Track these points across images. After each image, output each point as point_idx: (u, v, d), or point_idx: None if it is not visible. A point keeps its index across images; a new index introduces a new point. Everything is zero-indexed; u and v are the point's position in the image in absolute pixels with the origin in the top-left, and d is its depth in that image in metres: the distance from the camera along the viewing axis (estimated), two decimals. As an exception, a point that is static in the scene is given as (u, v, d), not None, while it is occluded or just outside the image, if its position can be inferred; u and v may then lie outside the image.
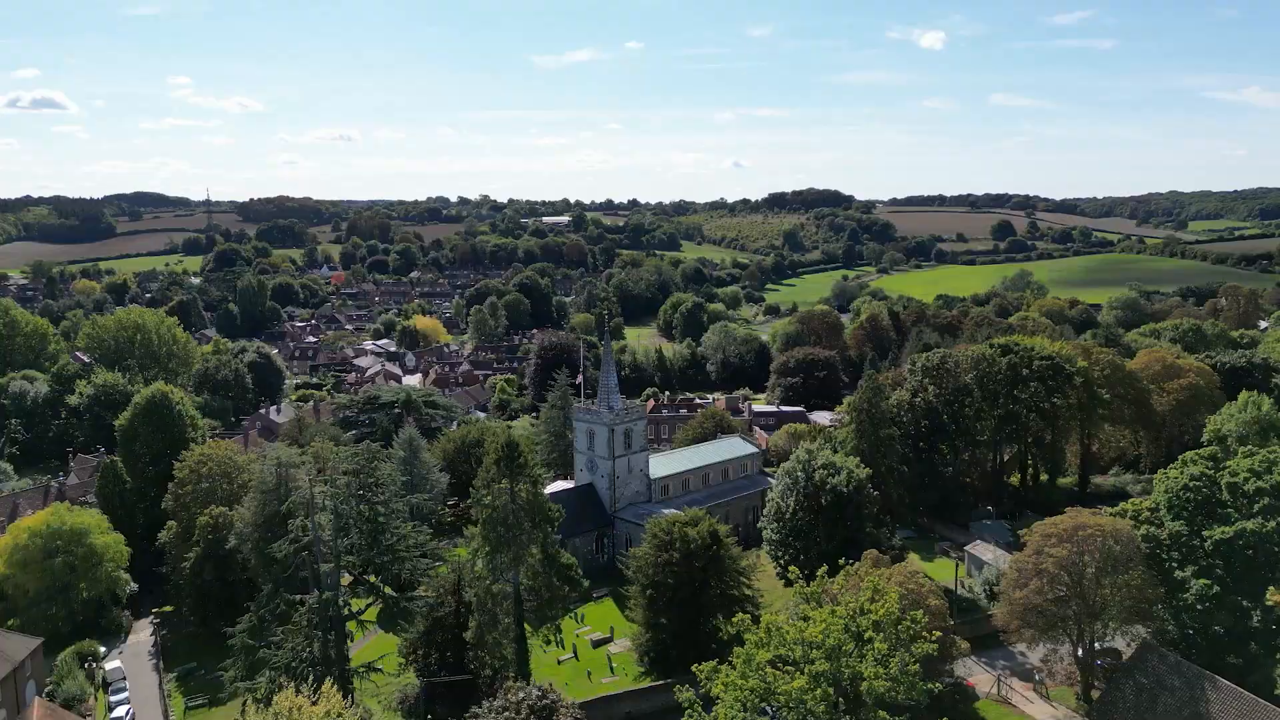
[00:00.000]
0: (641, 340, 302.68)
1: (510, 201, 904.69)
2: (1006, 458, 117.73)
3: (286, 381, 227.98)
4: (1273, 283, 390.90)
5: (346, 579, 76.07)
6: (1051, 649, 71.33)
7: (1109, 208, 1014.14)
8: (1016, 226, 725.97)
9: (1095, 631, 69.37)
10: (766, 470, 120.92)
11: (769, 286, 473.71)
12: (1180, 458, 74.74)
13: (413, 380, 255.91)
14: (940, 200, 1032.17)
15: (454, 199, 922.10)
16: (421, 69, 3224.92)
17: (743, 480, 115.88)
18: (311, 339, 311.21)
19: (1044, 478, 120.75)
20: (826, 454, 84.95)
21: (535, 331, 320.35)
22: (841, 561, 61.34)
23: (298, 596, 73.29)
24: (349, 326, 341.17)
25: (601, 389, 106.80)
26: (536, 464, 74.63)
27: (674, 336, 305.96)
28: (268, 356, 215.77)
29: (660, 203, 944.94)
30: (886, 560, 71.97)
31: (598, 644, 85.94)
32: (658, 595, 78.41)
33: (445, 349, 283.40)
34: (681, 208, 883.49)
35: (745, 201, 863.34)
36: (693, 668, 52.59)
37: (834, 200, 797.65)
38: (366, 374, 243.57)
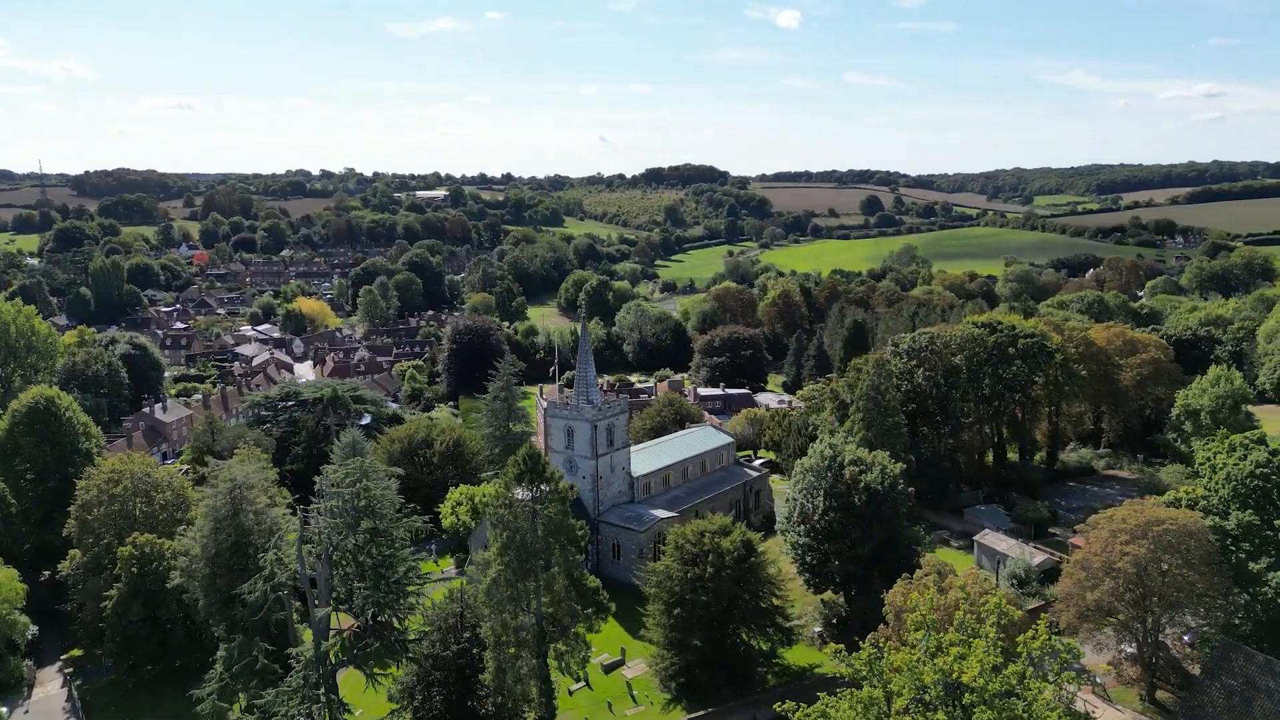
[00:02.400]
0: (546, 320, 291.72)
1: (376, 175, 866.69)
2: (980, 438, 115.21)
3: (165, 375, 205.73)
4: (1132, 254, 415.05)
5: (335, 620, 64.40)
6: (1119, 650, 67.54)
7: (961, 183, 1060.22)
8: (884, 202, 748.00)
9: (1160, 629, 66.02)
10: (740, 461, 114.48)
11: (659, 263, 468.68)
12: (1228, 441, 72.13)
13: (304, 369, 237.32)
14: (808, 176, 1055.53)
15: (316, 172, 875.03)
16: (267, 35, 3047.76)
17: (720, 473, 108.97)
18: (180, 325, 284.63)
19: (1012, 457, 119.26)
20: (852, 448, 78.65)
21: (431, 312, 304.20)
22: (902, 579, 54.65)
23: (278, 649, 61.56)
24: (221, 311, 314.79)
25: (579, 381, 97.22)
26: (558, 477, 64.89)
27: (578, 316, 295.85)
28: (143, 347, 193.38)
29: (534, 177, 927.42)
30: (950, 568, 66.31)
31: (609, 668, 77.34)
32: (686, 614, 70.49)
33: (337, 334, 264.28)
34: (558, 182, 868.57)
35: (621, 177, 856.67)
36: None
37: (710, 176, 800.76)
38: (254, 363, 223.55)
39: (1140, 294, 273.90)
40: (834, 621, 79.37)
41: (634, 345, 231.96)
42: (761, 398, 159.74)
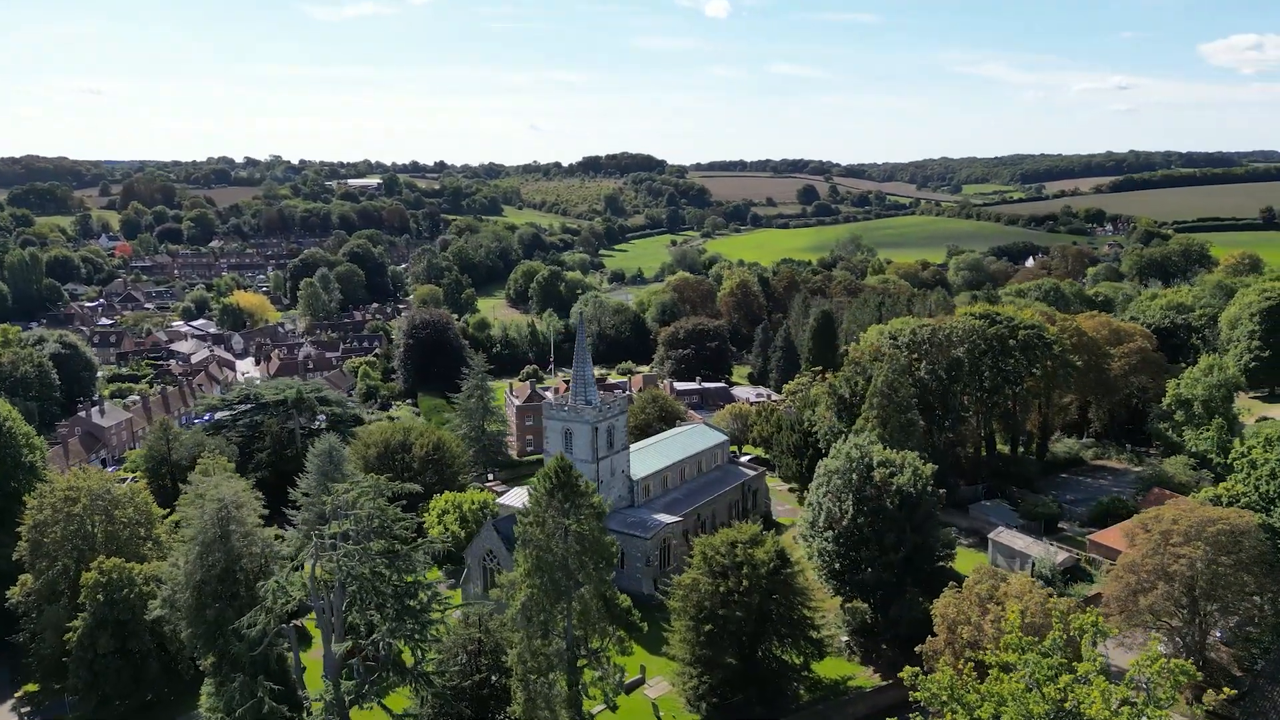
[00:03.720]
0: (497, 312, 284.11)
1: (304, 163, 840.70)
2: (980, 432, 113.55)
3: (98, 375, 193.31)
4: (1066, 241, 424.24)
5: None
6: (1167, 653, 65.41)
7: (891, 172, 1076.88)
8: (819, 191, 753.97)
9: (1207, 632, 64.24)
10: (734, 459, 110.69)
11: (602, 252, 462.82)
12: (1262, 435, 70.72)
13: (247, 366, 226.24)
14: (742, 166, 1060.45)
15: (240, 160, 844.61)
16: (179, 17, 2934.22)
17: (716, 472, 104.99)
18: (107, 321, 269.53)
19: (1002, 449, 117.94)
20: (879, 449, 75.31)
21: (375, 305, 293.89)
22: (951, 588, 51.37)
23: (283, 687, 55.44)
24: (150, 306, 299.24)
25: (576, 380, 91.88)
26: (592, 490, 59.87)
27: (529, 308, 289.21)
28: (73, 346, 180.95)
29: (468, 165, 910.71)
30: (1002, 575, 63.32)
31: (629, 688, 72.53)
32: (719, 630, 66.23)
33: (279, 329, 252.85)
34: (493, 170, 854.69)
35: (558, 165, 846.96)
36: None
37: (648, 165, 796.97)
38: (192, 361, 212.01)
39: (1084, 281, 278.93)
40: (858, 630, 76.17)
41: (593, 338, 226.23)
42: (738, 391, 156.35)
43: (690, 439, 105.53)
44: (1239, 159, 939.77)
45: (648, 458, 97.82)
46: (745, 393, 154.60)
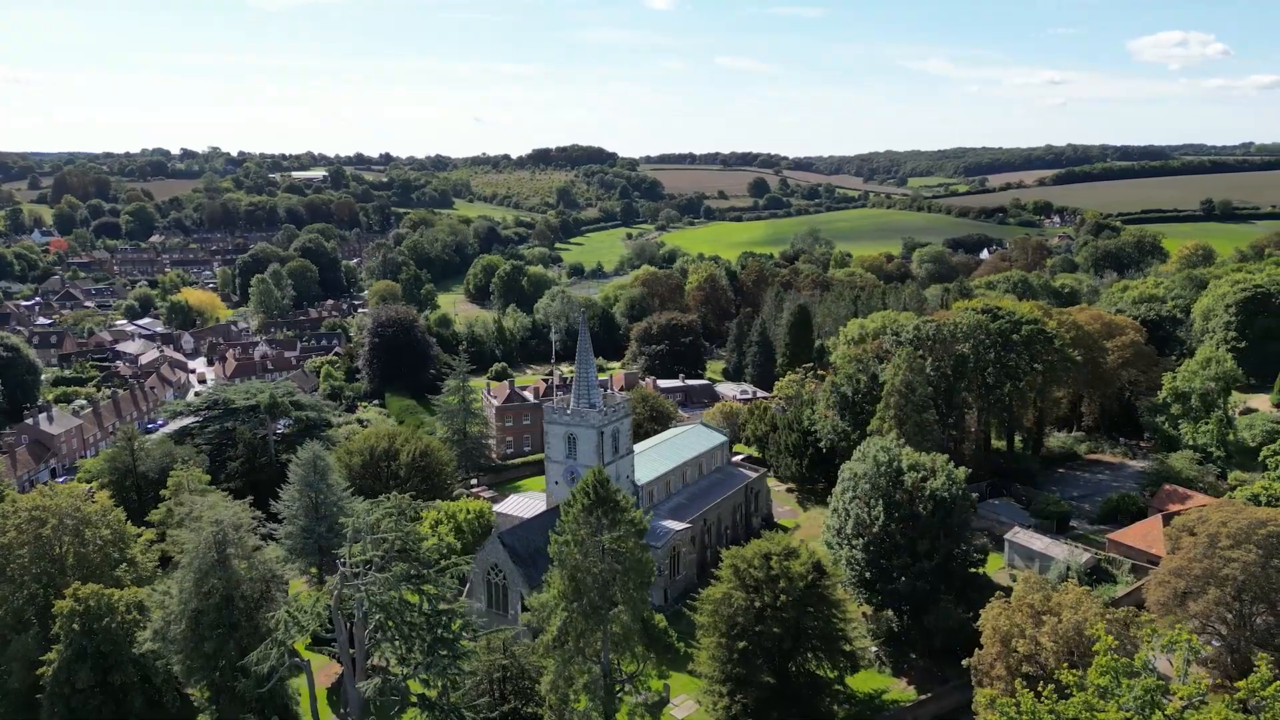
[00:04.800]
0: (457, 308, 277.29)
1: (244, 155, 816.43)
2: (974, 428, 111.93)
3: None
4: (1018, 233, 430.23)
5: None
6: (1215, 657, 63.76)
7: (838, 165, 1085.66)
8: (770, 184, 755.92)
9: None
10: (733, 460, 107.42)
11: (559, 245, 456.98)
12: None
13: (199, 366, 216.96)
14: (692, 158, 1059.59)
15: (176, 151, 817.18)
16: (108, 3, 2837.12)
17: (717, 474, 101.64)
18: (45, 321, 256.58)
19: (998, 445, 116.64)
20: (908, 451, 72.58)
21: (331, 302, 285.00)
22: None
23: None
24: (90, 304, 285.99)
25: (580, 382, 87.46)
26: (630, 505, 55.89)
27: (490, 303, 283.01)
28: (15, 348, 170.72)
29: (414, 157, 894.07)
30: (1050, 584, 60.90)
31: (653, 708, 68.74)
32: (754, 647, 62.86)
33: (231, 327, 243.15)
34: (440, 163, 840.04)
35: (507, 157, 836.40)
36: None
37: (599, 157, 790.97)
38: (141, 363, 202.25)
39: (1044, 273, 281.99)
40: (885, 639, 73.57)
41: (560, 334, 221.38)
42: (722, 388, 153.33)
43: (690, 441, 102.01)
44: (1170, 152, 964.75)
45: (650, 461, 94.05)
46: (728, 390, 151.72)
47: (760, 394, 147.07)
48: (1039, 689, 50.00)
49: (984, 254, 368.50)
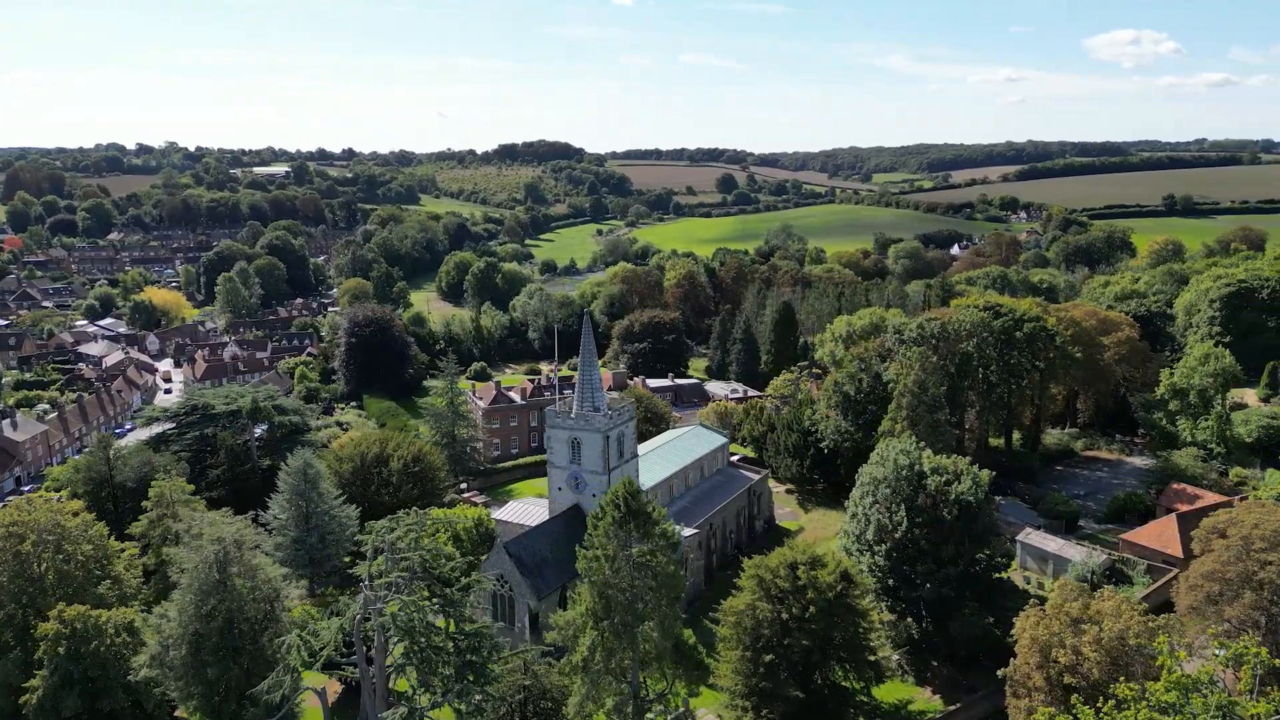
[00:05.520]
0: (431, 306, 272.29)
1: (202, 150, 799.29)
2: (982, 427, 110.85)
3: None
4: (987, 229, 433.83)
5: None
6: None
7: (803, 161, 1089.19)
8: (737, 180, 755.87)
9: None
10: (733, 461, 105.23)
11: (529, 242, 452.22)
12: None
13: (166, 367, 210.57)
14: (659, 154, 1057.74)
15: (132, 147, 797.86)
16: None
17: (719, 477, 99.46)
18: (2, 322, 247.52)
19: (995, 442, 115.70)
20: (928, 455, 70.76)
21: (300, 301, 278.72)
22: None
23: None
24: (48, 304, 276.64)
25: (583, 384, 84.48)
26: (663, 517, 53.30)
27: (464, 301, 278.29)
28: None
29: (377, 153, 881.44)
30: (1090, 591, 59.35)
31: (673, 723, 66.39)
32: (781, 660, 60.71)
33: (198, 327, 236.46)
34: (404, 158, 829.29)
35: (473, 153, 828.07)
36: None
37: (566, 153, 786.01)
38: (106, 365, 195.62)
39: (1019, 269, 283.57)
40: (904, 647, 71.75)
41: (539, 332, 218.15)
42: (711, 387, 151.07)
43: (691, 443, 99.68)
44: (1127, 148, 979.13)
45: (653, 465, 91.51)
46: (718, 389, 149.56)
47: (751, 393, 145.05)
48: (1088, 702, 48.57)
49: (955, 249, 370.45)
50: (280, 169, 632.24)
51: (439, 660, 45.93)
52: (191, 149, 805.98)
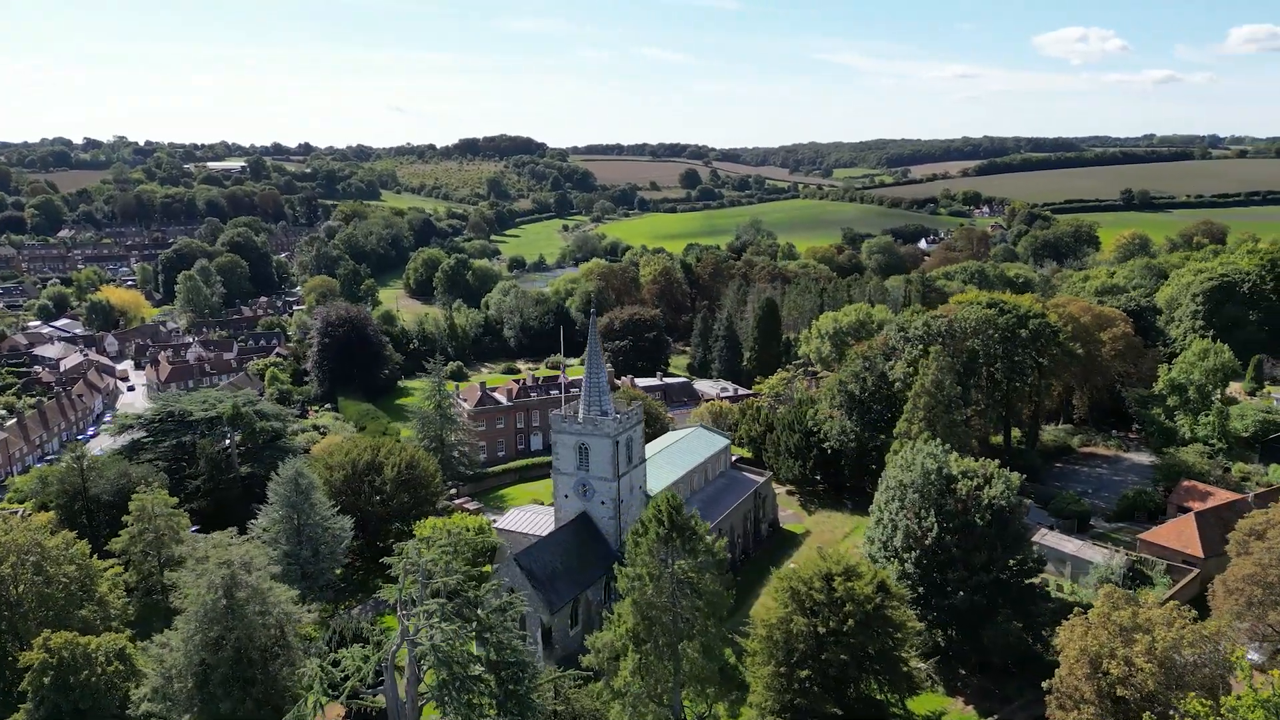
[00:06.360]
0: (399, 305, 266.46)
1: (152, 144, 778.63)
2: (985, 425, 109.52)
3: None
4: (953, 223, 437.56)
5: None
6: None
7: (764, 157, 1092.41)
8: (701, 175, 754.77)
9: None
10: (736, 463, 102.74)
11: (494, 238, 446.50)
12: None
13: (127, 370, 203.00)
14: (620, 149, 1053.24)
15: (79, 141, 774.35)
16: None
17: (723, 480, 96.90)
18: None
19: (995, 439, 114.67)
20: (955, 458, 68.80)
21: (265, 299, 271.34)
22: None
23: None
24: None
25: (590, 387, 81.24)
26: (706, 531, 50.49)
27: (433, 298, 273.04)
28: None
29: (334, 147, 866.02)
30: (1135, 598, 57.65)
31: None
32: (818, 676, 58.35)
33: (159, 328, 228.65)
34: (362, 153, 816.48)
35: (433, 147, 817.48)
36: None
37: (528, 148, 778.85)
38: (64, 368, 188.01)
39: (996, 264, 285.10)
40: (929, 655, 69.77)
41: (515, 330, 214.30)
42: (700, 386, 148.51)
43: (694, 445, 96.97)
44: (1079, 144, 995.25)
45: (659, 469, 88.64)
46: (707, 387, 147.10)
47: (742, 391, 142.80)
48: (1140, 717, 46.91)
49: (922, 243, 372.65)
50: (235, 164, 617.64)
51: (478, 691, 42.73)
52: (141, 143, 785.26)
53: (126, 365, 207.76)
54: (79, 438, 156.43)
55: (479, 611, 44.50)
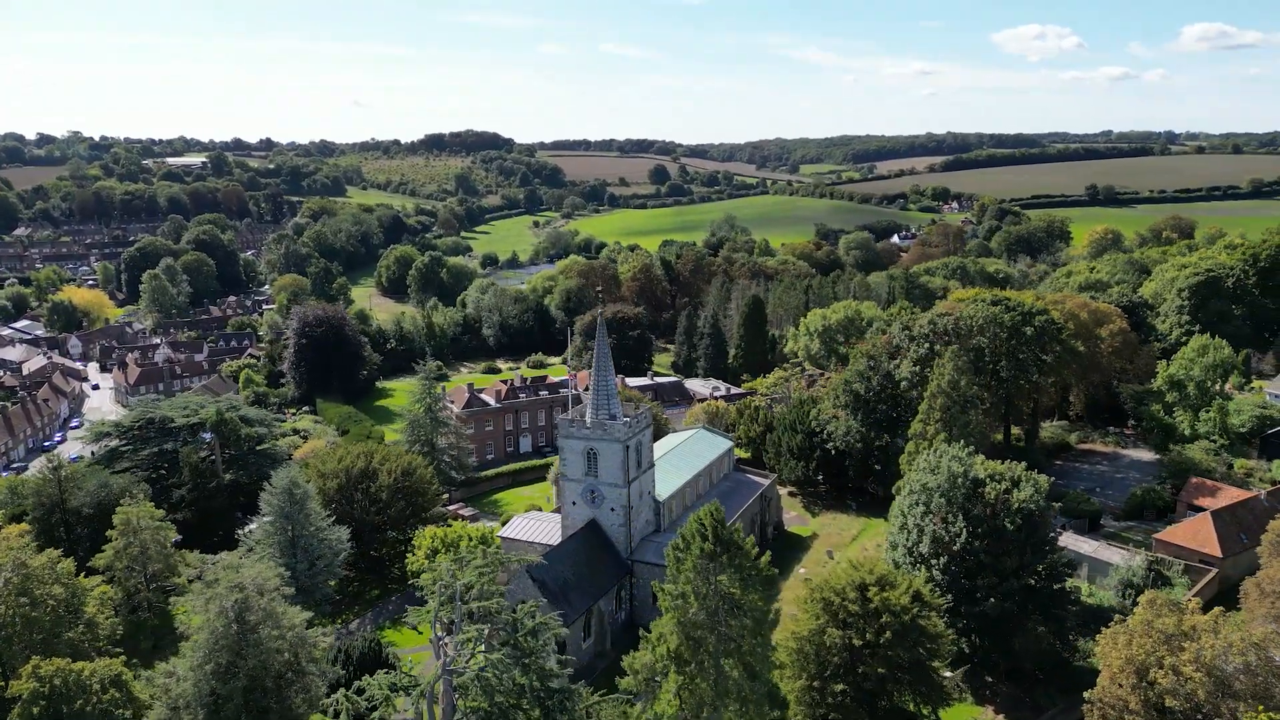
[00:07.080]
0: (372, 303, 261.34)
1: (107, 139, 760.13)
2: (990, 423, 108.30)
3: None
4: (924, 219, 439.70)
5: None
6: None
7: (731, 153, 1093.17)
8: (670, 171, 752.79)
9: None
10: (740, 466, 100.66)
11: (464, 234, 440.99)
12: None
13: (91, 371, 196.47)
14: (587, 145, 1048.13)
15: (32, 136, 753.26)
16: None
17: (727, 484, 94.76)
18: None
19: (995, 437, 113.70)
20: (980, 460, 67.17)
21: (233, 299, 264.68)
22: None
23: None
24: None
25: (598, 391, 78.53)
26: (753, 546, 48.12)
27: (407, 297, 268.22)
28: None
29: (296, 143, 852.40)
30: (1180, 605, 56.25)
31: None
32: (853, 690, 56.38)
33: (125, 329, 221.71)
34: (326, 148, 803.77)
35: (398, 143, 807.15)
36: None
37: (495, 143, 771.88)
38: (27, 372, 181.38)
39: (976, 260, 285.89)
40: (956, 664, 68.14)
41: (495, 329, 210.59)
42: (691, 385, 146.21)
43: (698, 447, 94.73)
44: (1039, 140, 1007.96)
45: (666, 473, 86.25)
46: (698, 387, 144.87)
47: (735, 391, 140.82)
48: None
49: (895, 239, 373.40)
50: (196, 159, 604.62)
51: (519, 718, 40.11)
52: (96, 139, 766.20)
53: (92, 368, 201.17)
54: (45, 445, 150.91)
55: (518, 636, 41.76)
